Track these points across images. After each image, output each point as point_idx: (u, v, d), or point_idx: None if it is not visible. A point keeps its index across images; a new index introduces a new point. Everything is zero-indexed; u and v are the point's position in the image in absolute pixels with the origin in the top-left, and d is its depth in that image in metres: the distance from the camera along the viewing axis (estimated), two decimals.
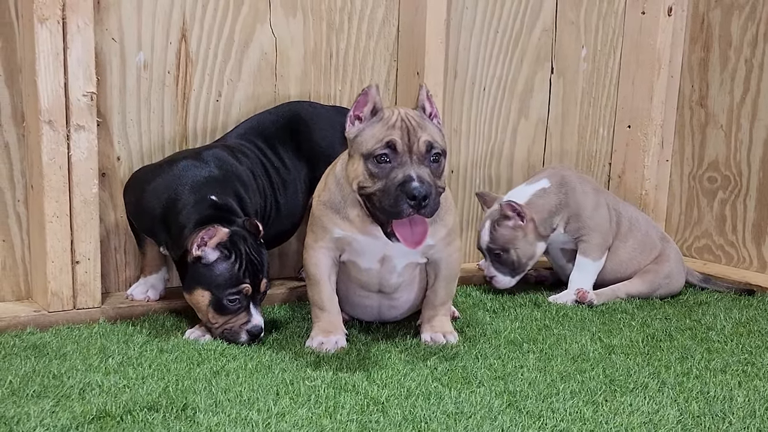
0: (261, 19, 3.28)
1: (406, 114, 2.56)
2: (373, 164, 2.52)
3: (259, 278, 2.74)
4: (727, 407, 2.30)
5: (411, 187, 2.43)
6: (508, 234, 3.46)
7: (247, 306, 2.72)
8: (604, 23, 4.12)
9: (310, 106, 3.29)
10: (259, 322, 2.73)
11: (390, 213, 2.49)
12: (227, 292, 2.69)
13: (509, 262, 3.50)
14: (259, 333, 2.73)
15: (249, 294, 2.71)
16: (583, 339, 2.90)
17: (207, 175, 2.84)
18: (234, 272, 2.69)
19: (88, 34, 2.80)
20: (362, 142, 2.56)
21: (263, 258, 2.78)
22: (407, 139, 2.50)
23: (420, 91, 2.66)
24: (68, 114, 2.80)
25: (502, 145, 3.97)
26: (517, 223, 3.45)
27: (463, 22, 3.74)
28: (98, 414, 2.13)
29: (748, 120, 3.98)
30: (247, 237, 2.73)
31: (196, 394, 2.28)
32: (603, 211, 3.54)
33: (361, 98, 2.59)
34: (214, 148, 2.99)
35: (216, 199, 2.79)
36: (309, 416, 2.16)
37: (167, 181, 2.83)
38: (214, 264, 2.69)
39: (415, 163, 2.50)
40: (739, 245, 4.06)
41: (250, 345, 2.71)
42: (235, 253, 2.69)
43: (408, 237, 2.53)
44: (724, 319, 3.20)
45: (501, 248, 3.47)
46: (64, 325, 2.87)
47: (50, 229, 2.84)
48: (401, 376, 2.46)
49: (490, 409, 2.23)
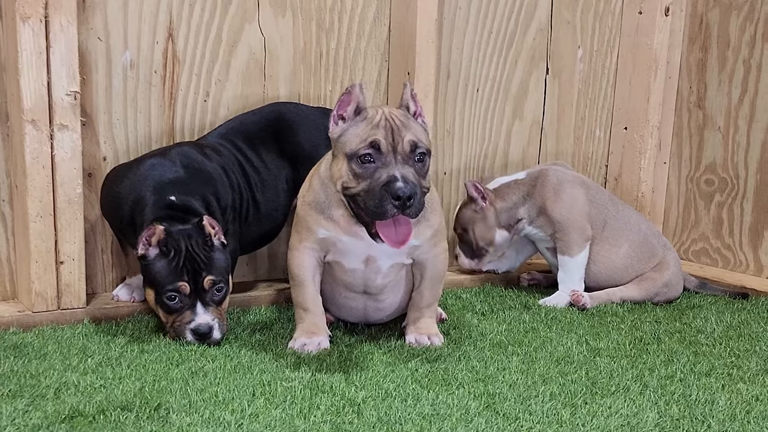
0: (249, 18, 3.26)
1: (390, 113, 2.54)
2: (357, 164, 2.49)
3: (201, 276, 2.69)
4: (708, 410, 2.27)
5: (395, 187, 2.41)
6: (469, 215, 3.59)
7: (192, 305, 2.69)
8: (601, 23, 4.09)
9: (295, 107, 3.27)
10: (205, 322, 2.68)
11: (374, 213, 2.47)
12: (165, 290, 2.67)
13: (468, 242, 3.62)
14: (205, 333, 2.68)
15: (188, 292, 2.68)
16: (569, 341, 2.87)
17: (170, 176, 2.82)
18: (170, 270, 2.67)
19: (72, 32, 2.79)
20: (346, 141, 2.53)
21: (211, 257, 2.72)
22: (391, 139, 2.48)
23: (404, 90, 2.63)
24: (51, 113, 2.79)
25: (496, 147, 3.94)
26: (479, 205, 3.53)
27: (456, 21, 3.71)
28: (71, 413, 2.11)
29: (746, 122, 3.94)
30: (193, 235, 2.70)
31: (172, 395, 2.26)
32: (576, 206, 3.48)
33: (344, 97, 2.57)
34: (183, 146, 2.98)
35: (174, 199, 2.77)
36: (282, 417, 2.13)
37: (132, 182, 2.82)
38: (153, 262, 2.68)
39: (400, 162, 2.48)
40: (736, 248, 4.02)
41: (201, 344, 2.67)
42: (173, 251, 2.67)
43: (392, 237, 2.51)
44: (715, 323, 3.16)
45: (462, 228, 3.62)
46: (47, 326, 2.85)
47: (34, 229, 2.82)
48: (380, 378, 2.44)
49: (467, 411, 2.21)
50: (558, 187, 3.50)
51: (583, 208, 3.50)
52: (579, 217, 3.49)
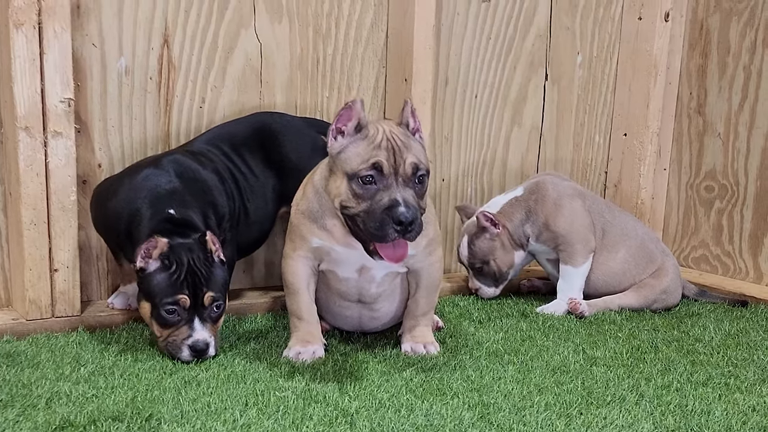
0: (245, 24, 3.25)
1: (391, 132, 2.51)
2: (358, 185, 2.46)
3: (202, 291, 2.64)
4: (704, 421, 2.25)
5: (398, 212, 2.39)
6: (486, 246, 3.48)
7: (190, 320, 2.64)
8: (600, 29, 4.07)
9: (280, 117, 3.24)
10: (203, 338, 2.63)
11: (375, 236, 2.44)
12: (164, 302, 2.62)
13: (491, 273, 3.51)
14: (202, 349, 2.62)
15: (188, 306, 2.63)
16: (566, 350, 2.85)
17: (167, 187, 2.78)
18: (171, 282, 2.62)
19: (66, 39, 2.77)
20: (346, 160, 2.50)
21: (212, 272, 2.68)
22: (393, 161, 2.45)
23: (405, 107, 2.60)
24: (45, 120, 2.78)
25: (494, 153, 3.92)
26: (493, 234, 3.46)
27: (455, 27, 3.69)
28: (61, 424, 2.10)
29: (746, 128, 3.92)
30: (194, 249, 2.66)
31: (164, 404, 2.24)
32: (577, 217, 3.47)
33: (344, 112, 2.52)
34: (175, 154, 2.94)
35: (173, 212, 2.73)
36: (274, 428, 2.12)
37: (127, 195, 2.78)
38: (153, 274, 2.64)
39: (401, 185, 2.45)
40: (736, 256, 4.00)
41: (197, 361, 2.62)
42: (175, 264, 2.62)
43: (390, 255, 2.48)
44: (714, 331, 3.14)
45: (481, 261, 3.50)
46: (41, 334, 2.83)
47: (28, 237, 2.81)
48: (374, 388, 2.42)
49: (461, 421, 2.19)
50: (558, 201, 3.48)
51: (584, 220, 3.48)
52: (582, 228, 3.47)
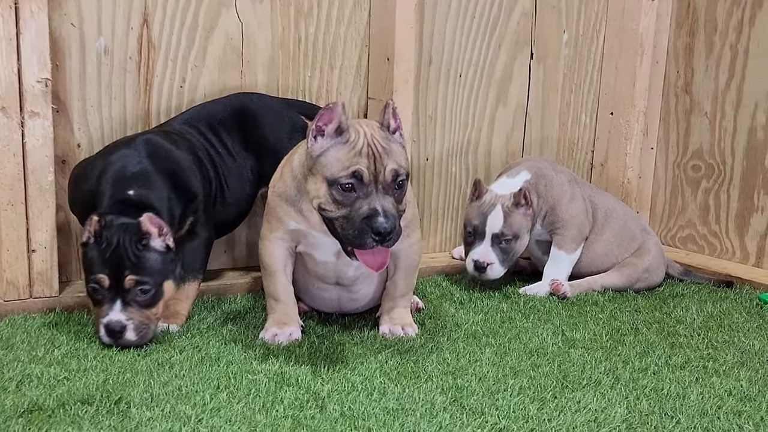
0: (226, 3, 3.21)
1: (372, 137, 2.46)
2: (338, 191, 2.43)
3: (123, 274, 2.59)
4: (679, 405, 2.24)
5: (377, 222, 2.37)
6: (519, 221, 3.36)
7: (111, 300, 2.59)
8: (587, 7, 4.03)
9: (258, 98, 3.21)
10: (117, 319, 2.57)
11: (353, 243, 2.43)
12: (89, 278, 2.62)
13: (511, 250, 3.37)
14: (115, 330, 2.57)
15: (107, 286, 2.59)
16: (545, 332, 2.84)
17: (133, 168, 2.74)
18: (93, 260, 2.61)
19: (43, 19, 2.75)
20: (327, 165, 2.46)
21: (143, 257, 2.62)
22: (374, 168, 2.42)
23: (386, 108, 2.55)
24: (22, 101, 2.76)
25: (479, 132, 3.89)
26: (527, 211, 3.38)
27: (438, 6, 3.65)
28: (29, 407, 2.09)
29: (732, 107, 3.89)
30: (130, 231, 2.61)
31: (134, 387, 2.24)
32: (578, 204, 3.47)
33: (326, 112, 2.47)
34: (150, 134, 2.91)
35: (132, 193, 2.70)
36: (244, 411, 2.11)
37: (96, 177, 2.75)
38: (87, 250, 2.63)
39: (380, 192, 2.42)
40: (722, 235, 3.98)
41: (115, 345, 2.57)
42: (105, 243, 2.60)
43: (370, 262, 2.47)
44: (696, 312, 3.13)
45: (513, 235, 3.35)
46: (19, 315, 2.83)
47: (5, 218, 2.80)
48: (348, 370, 2.41)
49: (433, 405, 2.18)
50: (563, 186, 3.48)
51: (583, 206, 3.48)
52: (581, 215, 3.47)
